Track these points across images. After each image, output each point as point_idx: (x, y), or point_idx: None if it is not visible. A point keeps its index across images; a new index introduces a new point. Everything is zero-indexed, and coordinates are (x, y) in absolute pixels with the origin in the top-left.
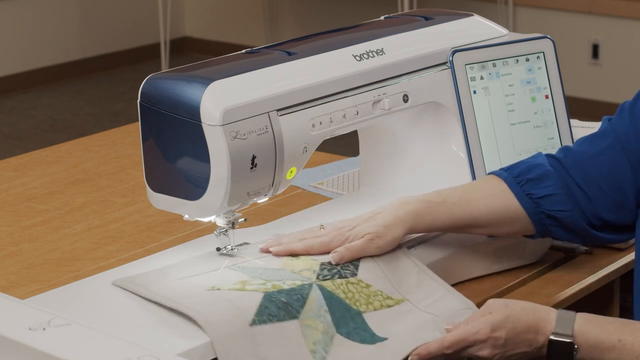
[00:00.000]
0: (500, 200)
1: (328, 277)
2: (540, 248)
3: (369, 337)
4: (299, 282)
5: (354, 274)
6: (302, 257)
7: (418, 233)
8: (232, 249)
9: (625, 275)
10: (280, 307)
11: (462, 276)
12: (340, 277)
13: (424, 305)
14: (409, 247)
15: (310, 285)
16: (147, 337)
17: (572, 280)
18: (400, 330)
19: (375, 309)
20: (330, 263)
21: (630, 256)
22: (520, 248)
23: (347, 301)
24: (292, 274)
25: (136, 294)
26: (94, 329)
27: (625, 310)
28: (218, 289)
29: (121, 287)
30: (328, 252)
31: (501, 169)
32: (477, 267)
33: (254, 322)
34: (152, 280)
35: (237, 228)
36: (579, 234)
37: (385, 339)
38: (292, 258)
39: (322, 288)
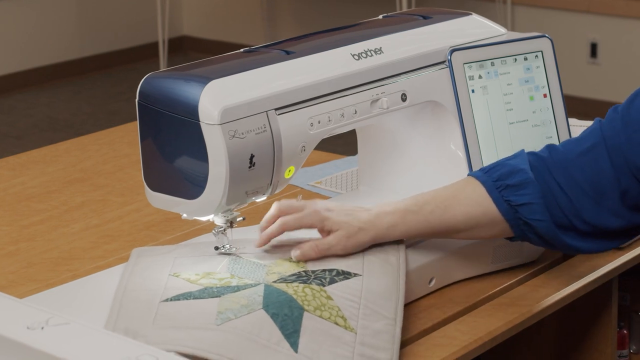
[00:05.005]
0: (479, 205)
1: (289, 281)
2: (538, 247)
3: (291, 331)
4: (250, 282)
5: (322, 285)
6: (291, 262)
7: (391, 240)
8: (230, 248)
9: (624, 274)
10: (205, 292)
11: (460, 275)
12: (303, 282)
13: (360, 344)
14: (408, 247)
15: (257, 284)
16: None
17: (570, 280)
18: (322, 357)
19: (320, 317)
20: (312, 271)
21: (629, 255)
22: (519, 247)
23: (295, 297)
24: (261, 274)
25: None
26: (93, 328)
27: (624, 309)
28: (177, 276)
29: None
30: (301, 228)
31: (481, 170)
32: (475, 266)
33: (166, 300)
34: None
35: (236, 227)
36: (553, 244)
37: (300, 353)
38: (285, 259)
39: (267, 286)
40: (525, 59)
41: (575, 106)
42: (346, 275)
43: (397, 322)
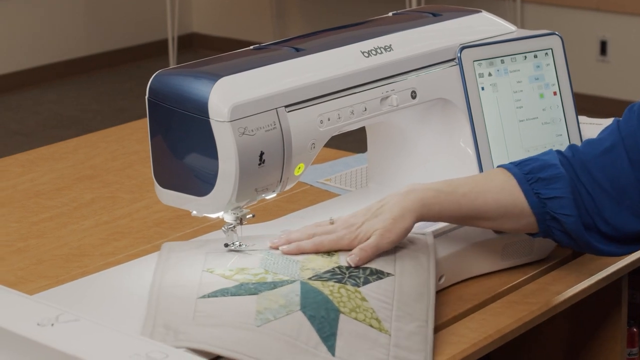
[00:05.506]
0: (509, 195)
1: (324, 279)
2: (548, 245)
3: (328, 334)
4: (285, 278)
5: (356, 285)
6: (324, 256)
7: (428, 221)
8: (240, 245)
9: (634, 272)
10: (242, 288)
11: (470, 272)
12: (338, 282)
13: (395, 347)
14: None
15: (293, 281)
16: None
17: (580, 277)
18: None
19: (356, 319)
20: (347, 267)
21: (639, 253)
22: (529, 245)
23: (331, 298)
24: (296, 270)
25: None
26: (103, 324)
27: (634, 307)
28: (211, 272)
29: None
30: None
31: (512, 163)
32: (486, 263)
33: (203, 296)
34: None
35: (245, 224)
36: (579, 242)
37: (337, 356)
38: (317, 255)
39: (303, 284)
40: (535, 56)
41: (584, 104)
42: (379, 275)
43: (429, 324)
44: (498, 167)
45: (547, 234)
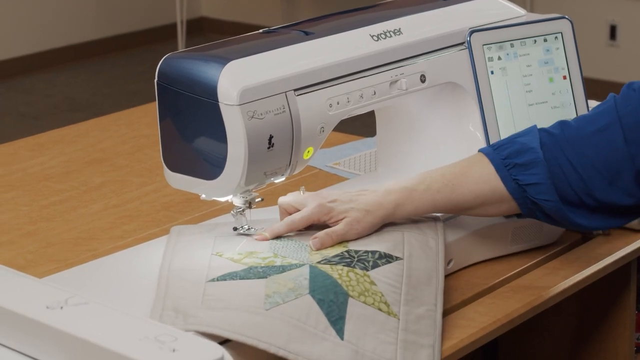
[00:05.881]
0: (486, 183)
1: (333, 262)
2: (557, 229)
3: (337, 317)
4: (294, 262)
5: (365, 269)
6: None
7: (399, 220)
8: (249, 229)
9: None
10: (251, 272)
11: (479, 257)
12: (347, 265)
13: (403, 330)
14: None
15: (302, 265)
16: None
17: (589, 262)
18: (367, 344)
19: (364, 302)
20: (356, 250)
21: None
22: (538, 229)
23: (340, 281)
24: (304, 254)
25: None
26: (112, 307)
27: None
28: (220, 255)
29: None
30: (308, 224)
31: (491, 146)
32: (494, 248)
33: (212, 280)
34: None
35: (254, 208)
36: (562, 223)
37: (345, 340)
38: None
39: (312, 267)
40: (545, 40)
41: (594, 88)
42: (388, 258)
43: (438, 308)
44: (479, 151)
45: (531, 216)
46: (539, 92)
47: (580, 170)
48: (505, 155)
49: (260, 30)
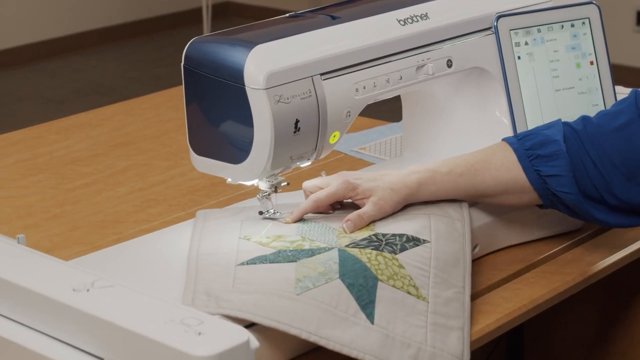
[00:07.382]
0: (508, 172)
1: (361, 246)
2: None
3: (367, 302)
4: (322, 245)
5: (394, 252)
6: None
7: (422, 200)
8: (274, 213)
9: None
10: (280, 255)
11: (505, 242)
12: (375, 249)
13: (433, 313)
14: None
15: (330, 249)
16: None
17: (615, 248)
18: (397, 328)
19: (393, 286)
20: (384, 234)
21: None
22: (563, 215)
23: (369, 265)
24: (332, 237)
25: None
26: (138, 290)
27: None
28: (248, 239)
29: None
30: (336, 201)
31: (515, 136)
32: (520, 233)
33: (242, 264)
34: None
35: (280, 192)
36: (583, 216)
37: (376, 324)
38: None
39: (341, 251)
40: (572, 25)
41: (620, 74)
42: (416, 241)
43: (466, 290)
44: (503, 139)
45: (552, 207)
46: (566, 77)
47: (600, 167)
48: (529, 146)
49: (287, 15)
